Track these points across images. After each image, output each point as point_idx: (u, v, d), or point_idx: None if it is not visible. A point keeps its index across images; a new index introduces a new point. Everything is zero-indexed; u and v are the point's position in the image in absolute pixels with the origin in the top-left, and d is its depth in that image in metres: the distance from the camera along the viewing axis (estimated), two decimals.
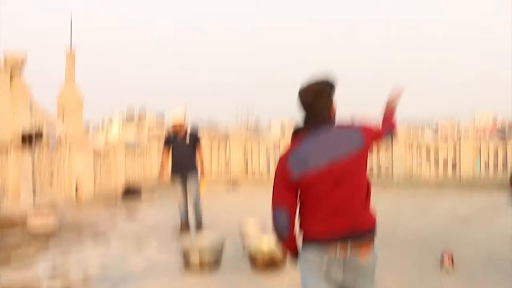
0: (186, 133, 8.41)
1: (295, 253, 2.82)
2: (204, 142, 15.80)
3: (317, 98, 2.70)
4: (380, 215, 2.80)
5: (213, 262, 6.17)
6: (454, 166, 14.52)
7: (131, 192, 13.00)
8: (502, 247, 7.23)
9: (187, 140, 8.36)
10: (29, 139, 10.40)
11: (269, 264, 6.01)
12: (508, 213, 9.97)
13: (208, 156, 15.97)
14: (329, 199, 2.62)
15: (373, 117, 3.07)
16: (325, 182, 2.61)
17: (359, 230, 2.64)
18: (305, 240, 2.72)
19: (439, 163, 14.83)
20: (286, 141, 14.34)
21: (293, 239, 2.77)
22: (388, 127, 3.07)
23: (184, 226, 8.49)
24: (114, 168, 13.25)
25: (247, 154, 16.25)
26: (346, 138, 2.67)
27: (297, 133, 2.77)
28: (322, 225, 2.63)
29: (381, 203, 11.19)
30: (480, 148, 14.56)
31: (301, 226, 2.74)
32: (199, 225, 8.49)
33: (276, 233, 2.76)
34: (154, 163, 15.02)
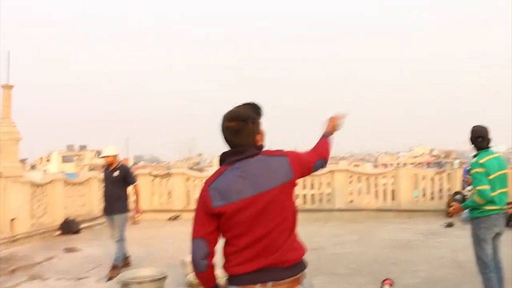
0: (116, 167, 8.18)
1: None
2: (146, 177, 15.86)
3: (242, 124, 2.51)
4: (323, 242, 2.77)
5: None
6: (393, 194, 14.84)
7: (69, 226, 12.60)
8: (440, 271, 7.41)
9: (117, 174, 8.10)
10: None
11: None
12: (445, 239, 10.25)
13: (150, 190, 15.89)
14: (251, 233, 2.43)
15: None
16: (248, 215, 2.42)
17: (282, 266, 2.45)
18: (228, 277, 2.52)
19: (378, 191, 15.14)
20: None
21: (211, 273, 2.55)
22: (321, 154, 2.91)
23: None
24: (52, 201, 12.81)
25: (190, 188, 16.13)
26: (273, 168, 2.49)
27: (223, 160, 2.57)
28: (244, 261, 2.44)
29: (323, 231, 11.40)
30: (417, 177, 15.02)
31: (224, 262, 2.54)
32: (116, 264, 7.83)
33: (193, 265, 2.54)
34: (94, 195, 14.64)
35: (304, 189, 15.00)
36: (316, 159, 2.84)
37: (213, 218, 2.47)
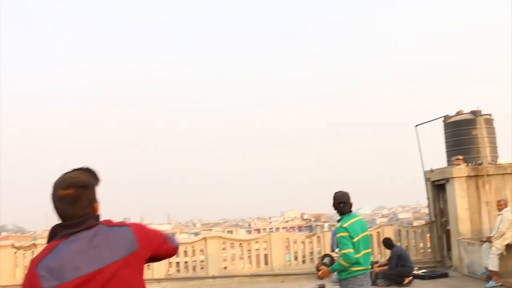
0: None
1: None
2: (7, 249, 14.67)
3: (82, 190, 2.21)
4: None
5: None
6: (266, 259, 15.01)
7: None
8: None
9: None
10: None
11: None
12: None
13: (13, 263, 14.83)
14: None
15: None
16: None
17: None
18: None
19: (252, 256, 15.24)
20: None
21: None
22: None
23: None
24: None
25: None
26: (115, 240, 2.20)
27: (54, 235, 2.22)
28: None
29: None
30: (289, 241, 15.37)
31: None
32: None
33: None
34: None
35: (177, 257, 14.70)
36: (164, 234, 2.49)
37: None
